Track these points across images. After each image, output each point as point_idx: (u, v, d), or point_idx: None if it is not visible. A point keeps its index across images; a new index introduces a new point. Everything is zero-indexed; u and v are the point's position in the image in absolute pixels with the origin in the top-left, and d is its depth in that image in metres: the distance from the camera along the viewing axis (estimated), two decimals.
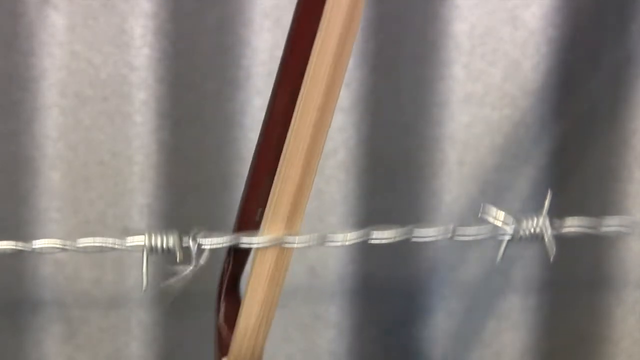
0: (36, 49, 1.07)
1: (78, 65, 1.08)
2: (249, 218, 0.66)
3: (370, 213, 1.14)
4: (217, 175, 1.12)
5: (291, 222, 0.64)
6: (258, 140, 0.72)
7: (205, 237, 0.63)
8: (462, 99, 1.12)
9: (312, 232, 0.68)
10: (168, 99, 1.10)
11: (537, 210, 0.72)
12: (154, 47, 1.08)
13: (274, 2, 1.08)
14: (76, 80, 1.08)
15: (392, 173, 1.13)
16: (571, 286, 1.17)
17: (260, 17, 1.09)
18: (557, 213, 0.73)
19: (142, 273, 0.59)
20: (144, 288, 0.61)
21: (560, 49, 1.12)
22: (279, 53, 1.09)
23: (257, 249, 0.64)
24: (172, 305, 1.13)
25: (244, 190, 0.68)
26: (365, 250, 1.12)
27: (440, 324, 1.17)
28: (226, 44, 1.09)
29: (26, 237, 1.09)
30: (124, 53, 1.08)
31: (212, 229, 1.05)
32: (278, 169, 0.64)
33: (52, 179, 1.10)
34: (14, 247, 0.65)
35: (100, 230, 1.11)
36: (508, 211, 0.98)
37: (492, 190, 1.14)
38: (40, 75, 1.08)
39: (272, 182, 0.64)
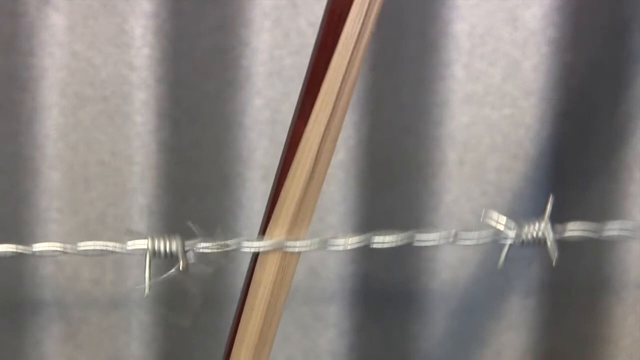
0: (36, 49, 1.07)
1: (78, 65, 1.08)
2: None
3: (370, 213, 1.14)
4: (217, 175, 1.11)
5: (295, 227, 0.64)
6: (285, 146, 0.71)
7: (206, 242, 0.63)
8: (462, 99, 1.12)
9: (312, 232, 0.68)
10: (168, 99, 1.09)
11: (537, 211, 0.72)
12: (154, 47, 1.08)
13: (274, 2, 1.08)
14: (76, 80, 1.08)
15: (392, 173, 1.13)
16: (571, 286, 1.17)
17: (260, 17, 1.08)
18: (557, 214, 0.73)
19: (145, 278, 0.59)
20: (146, 292, 0.60)
21: (560, 49, 1.12)
22: (279, 53, 1.10)
23: (262, 254, 0.64)
24: (177, 304, 1.13)
25: (271, 195, 0.68)
26: (365, 251, 1.12)
27: (440, 324, 1.17)
28: (226, 44, 1.09)
29: (26, 237, 1.10)
30: (124, 53, 1.08)
31: (212, 229, 1.05)
32: (287, 174, 0.64)
33: (52, 179, 1.10)
34: (14, 250, 0.64)
35: (101, 231, 1.11)
36: (509, 212, 0.99)
37: (492, 190, 1.14)
38: (40, 75, 1.08)
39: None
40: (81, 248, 0.65)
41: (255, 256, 0.67)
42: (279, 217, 0.64)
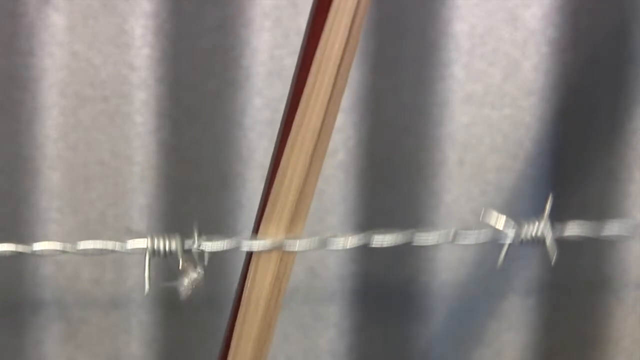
0: (36, 49, 1.07)
1: (78, 65, 1.08)
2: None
3: (370, 213, 1.14)
4: (217, 175, 1.11)
5: (292, 225, 0.64)
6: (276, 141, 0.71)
7: (206, 240, 0.63)
8: (462, 99, 1.12)
9: (312, 232, 0.68)
10: (168, 99, 1.09)
11: (537, 211, 0.72)
12: (154, 47, 1.08)
13: (274, 2, 1.08)
14: (76, 80, 1.08)
15: (392, 173, 1.13)
16: (571, 286, 1.17)
17: (260, 17, 1.08)
18: (557, 214, 0.73)
19: (145, 277, 0.59)
20: (146, 291, 0.60)
21: (560, 49, 1.12)
22: (279, 53, 1.10)
23: (258, 252, 0.64)
24: (177, 304, 1.13)
25: (264, 192, 0.67)
26: (365, 250, 1.12)
27: (440, 324, 1.17)
28: (226, 44, 1.09)
29: (26, 237, 1.10)
30: (124, 53, 1.08)
31: (212, 229, 1.05)
32: (279, 172, 0.64)
33: (52, 179, 1.10)
34: (14, 250, 0.64)
35: (100, 231, 1.11)
36: (508, 212, 0.98)
37: (492, 190, 1.14)
38: (40, 75, 1.08)
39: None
40: (81, 247, 0.65)
41: (249, 256, 0.66)
42: (274, 214, 0.63)
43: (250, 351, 0.66)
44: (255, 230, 0.67)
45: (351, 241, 0.63)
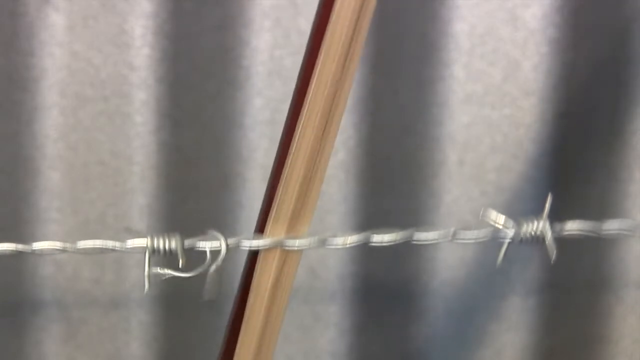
0: (36, 49, 1.07)
1: (78, 65, 1.08)
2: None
3: (370, 213, 1.14)
4: (217, 175, 1.11)
5: (297, 224, 0.64)
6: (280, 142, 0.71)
7: (205, 239, 0.63)
8: (462, 99, 1.12)
9: (312, 232, 0.68)
10: (168, 99, 1.09)
11: (537, 211, 0.72)
12: (154, 47, 1.08)
13: (274, 2, 1.08)
14: (76, 80, 1.08)
15: (392, 173, 1.13)
16: (571, 286, 1.17)
17: (260, 17, 1.09)
18: (557, 214, 0.73)
19: (144, 276, 0.59)
20: (146, 290, 0.61)
21: (560, 49, 1.12)
22: (279, 53, 1.10)
23: (262, 251, 0.64)
24: (177, 304, 1.14)
25: (267, 192, 0.67)
26: (365, 250, 1.12)
27: (441, 324, 1.17)
28: (226, 44, 1.09)
29: (26, 237, 1.10)
30: (124, 53, 1.08)
31: (212, 229, 1.05)
32: (283, 171, 0.64)
33: (52, 179, 1.10)
34: (14, 249, 0.64)
35: (100, 230, 1.11)
36: (509, 212, 0.98)
37: (492, 190, 1.14)
38: (40, 75, 1.08)
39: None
40: (81, 246, 0.65)
41: (252, 256, 0.66)
42: (280, 214, 0.64)
43: (254, 350, 0.66)
44: (259, 229, 0.67)
45: (351, 240, 0.63)
